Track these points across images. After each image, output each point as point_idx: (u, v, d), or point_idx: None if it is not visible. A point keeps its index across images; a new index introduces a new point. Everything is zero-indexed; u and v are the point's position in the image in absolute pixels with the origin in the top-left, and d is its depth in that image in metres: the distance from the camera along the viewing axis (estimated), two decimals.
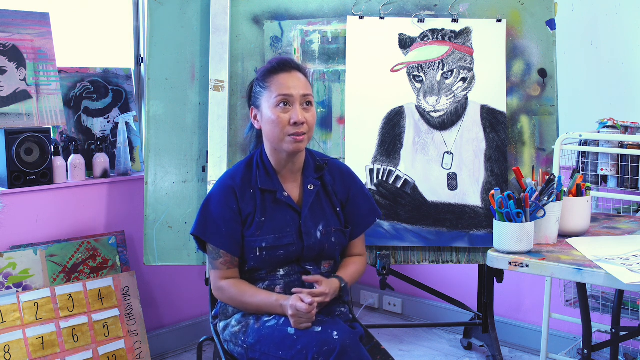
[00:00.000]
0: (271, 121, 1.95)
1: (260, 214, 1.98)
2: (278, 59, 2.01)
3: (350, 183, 2.11)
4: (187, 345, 3.32)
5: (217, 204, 1.99)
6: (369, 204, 2.14)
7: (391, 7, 2.74)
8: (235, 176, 2.01)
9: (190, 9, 2.71)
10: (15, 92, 2.73)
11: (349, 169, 2.16)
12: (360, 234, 2.13)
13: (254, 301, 1.96)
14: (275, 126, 1.94)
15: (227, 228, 1.97)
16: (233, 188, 1.99)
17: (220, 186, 2.01)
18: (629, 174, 2.68)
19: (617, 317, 2.54)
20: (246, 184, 2.00)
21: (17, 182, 2.68)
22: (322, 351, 1.75)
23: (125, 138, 3.05)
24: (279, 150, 1.98)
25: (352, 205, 2.10)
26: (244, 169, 2.03)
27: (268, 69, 1.99)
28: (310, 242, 1.99)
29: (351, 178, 2.13)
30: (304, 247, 1.99)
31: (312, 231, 2.00)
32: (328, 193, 2.07)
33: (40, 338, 2.65)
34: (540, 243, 1.97)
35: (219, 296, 2.02)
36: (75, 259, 2.80)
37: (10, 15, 2.75)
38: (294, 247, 1.98)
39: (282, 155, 2.00)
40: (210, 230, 1.98)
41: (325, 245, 2.02)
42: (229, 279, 2.00)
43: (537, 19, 2.75)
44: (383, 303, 3.85)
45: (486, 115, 2.72)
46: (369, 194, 2.16)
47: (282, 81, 1.95)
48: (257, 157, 2.05)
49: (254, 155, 2.07)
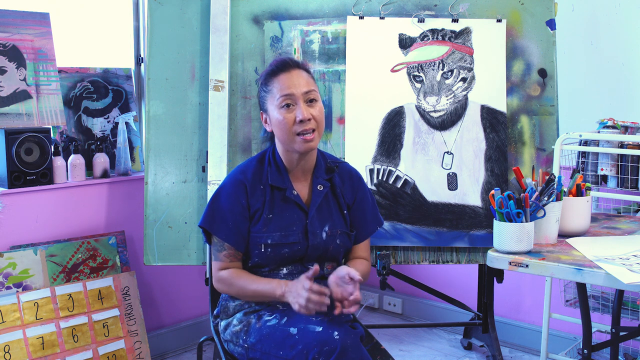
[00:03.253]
0: (278, 122, 1.96)
1: (268, 210, 1.99)
2: (277, 61, 2.01)
3: (358, 187, 2.12)
4: (187, 345, 3.32)
5: (226, 197, 2.00)
6: (373, 211, 2.15)
7: (391, 7, 2.75)
8: (247, 171, 2.03)
9: (190, 9, 2.71)
10: (15, 92, 2.73)
11: (358, 173, 2.17)
12: (363, 239, 2.14)
13: (251, 287, 1.95)
14: (283, 127, 1.95)
15: (234, 222, 1.98)
16: (244, 183, 2.00)
17: (231, 180, 2.02)
18: (629, 174, 2.68)
19: (617, 317, 2.53)
20: (257, 180, 2.01)
21: (17, 182, 2.68)
22: (322, 351, 1.75)
23: (125, 138, 3.05)
24: (291, 150, 1.99)
25: (358, 209, 2.11)
26: (255, 164, 2.04)
27: (268, 72, 2.01)
28: (315, 242, 2.00)
29: (360, 183, 2.14)
30: (309, 246, 1.99)
31: (317, 231, 2.01)
32: (336, 195, 2.08)
33: (40, 338, 2.65)
34: (540, 243, 1.97)
35: (218, 286, 2.03)
36: (75, 259, 2.80)
37: (10, 15, 2.75)
38: (298, 245, 1.99)
39: (294, 155, 2.01)
40: (217, 223, 1.99)
41: (329, 246, 2.02)
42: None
43: (537, 19, 2.76)
44: (383, 303, 3.85)
45: (486, 115, 2.72)
46: (375, 202, 2.17)
47: (283, 82, 1.96)
48: (270, 154, 2.06)
49: (266, 151, 2.08)
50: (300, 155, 2.00)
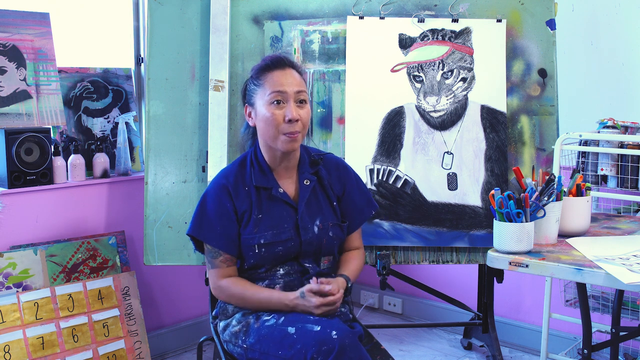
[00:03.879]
0: (265, 118, 1.95)
1: (256, 211, 1.99)
2: (272, 57, 2.01)
3: (345, 177, 2.12)
4: (187, 345, 3.32)
5: (211, 203, 1.99)
6: (365, 197, 2.15)
7: (391, 7, 2.74)
8: (229, 175, 2.02)
9: (190, 9, 2.71)
10: (15, 92, 2.73)
11: (344, 162, 2.17)
12: (358, 227, 2.14)
13: (255, 297, 1.96)
14: (270, 123, 1.95)
15: (221, 227, 1.98)
16: (227, 187, 2.00)
17: (214, 186, 2.02)
18: (629, 174, 2.68)
19: (617, 317, 2.53)
20: (240, 182, 2.01)
21: (17, 182, 2.68)
22: (321, 350, 1.75)
23: (125, 138, 3.05)
24: (274, 147, 1.99)
25: (348, 199, 2.11)
26: (237, 168, 2.04)
27: (262, 67, 2.00)
28: (308, 237, 2.00)
29: (346, 172, 2.14)
30: (302, 242, 1.99)
31: (309, 226, 2.01)
32: (324, 187, 2.08)
33: (40, 338, 2.65)
34: (540, 243, 1.97)
35: (219, 295, 2.02)
36: (75, 259, 2.80)
37: (10, 15, 2.75)
38: (291, 242, 1.98)
39: (276, 153, 2.01)
40: (206, 230, 1.99)
41: (323, 240, 2.02)
42: (229, 277, 2.00)
43: (537, 19, 2.75)
44: (383, 303, 3.85)
45: (486, 115, 2.72)
46: (365, 187, 2.17)
47: (276, 78, 1.96)
48: (251, 155, 2.05)
49: (247, 154, 2.07)
50: (282, 154, 2.00)
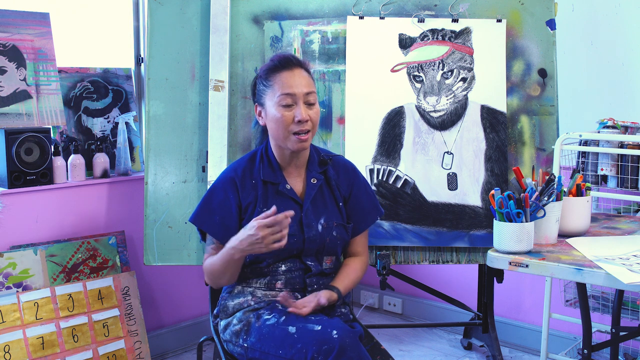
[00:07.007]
0: (275, 119, 1.96)
1: (261, 204, 2.00)
2: (280, 56, 2.01)
3: (353, 179, 2.13)
4: (187, 345, 3.32)
5: (216, 194, 2.02)
6: (372, 201, 2.15)
7: (391, 7, 2.74)
8: (238, 168, 2.05)
9: (190, 9, 2.71)
10: (15, 92, 2.73)
11: (353, 165, 2.18)
12: (363, 230, 2.14)
13: (218, 257, 1.95)
14: (280, 124, 1.96)
15: (220, 217, 2.00)
16: (234, 179, 2.02)
17: (222, 178, 2.05)
18: (629, 174, 2.68)
19: (617, 317, 2.54)
20: (247, 176, 2.03)
21: (17, 182, 2.68)
22: (321, 350, 1.75)
23: (125, 138, 3.05)
24: (284, 147, 2.01)
25: (355, 201, 2.11)
26: (246, 162, 2.07)
27: (270, 67, 2.00)
28: (311, 235, 2.00)
29: (355, 174, 2.15)
30: (305, 239, 2.00)
31: (313, 224, 2.01)
32: (331, 187, 2.09)
33: (40, 338, 2.65)
34: (540, 243, 1.97)
35: (206, 278, 2.04)
36: (75, 259, 2.80)
37: (10, 15, 2.75)
38: (294, 238, 1.99)
39: (286, 152, 2.03)
40: (205, 218, 2.02)
41: (326, 238, 2.02)
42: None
43: (537, 19, 2.75)
44: (383, 303, 3.85)
45: (486, 115, 2.72)
46: (372, 192, 2.18)
47: (285, 80, 1.96)
48: (262, 150, 2.08)
49: (258, 150, 2.09)
50: (292, 152, 2.02)
